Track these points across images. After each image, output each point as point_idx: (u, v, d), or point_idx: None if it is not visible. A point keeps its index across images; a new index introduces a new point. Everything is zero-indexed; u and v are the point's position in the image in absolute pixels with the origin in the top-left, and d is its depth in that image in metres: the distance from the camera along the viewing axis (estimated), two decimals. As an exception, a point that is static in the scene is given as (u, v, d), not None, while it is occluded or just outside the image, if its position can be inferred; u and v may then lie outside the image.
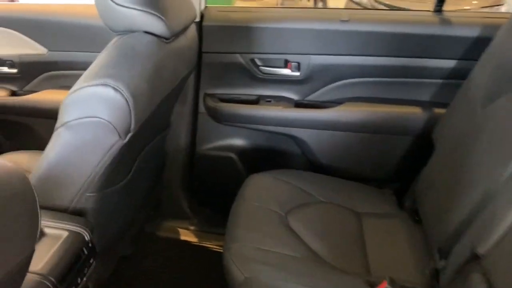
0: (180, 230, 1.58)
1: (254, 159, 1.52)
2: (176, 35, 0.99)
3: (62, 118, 0.85)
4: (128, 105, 0.82)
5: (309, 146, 1.43)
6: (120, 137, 0.85)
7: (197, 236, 1.57)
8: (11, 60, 1.50)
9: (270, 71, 1.40)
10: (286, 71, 1.40)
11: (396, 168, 1.43)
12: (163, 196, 1.55)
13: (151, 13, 0.89)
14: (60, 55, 1.46)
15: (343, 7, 5.11)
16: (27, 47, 1.47)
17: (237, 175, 1.52)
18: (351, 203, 1.24)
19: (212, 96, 1.46)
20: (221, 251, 1.07)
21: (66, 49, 1.45)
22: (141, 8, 0.88)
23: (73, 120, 0.83)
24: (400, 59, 1.32)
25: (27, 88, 1.55)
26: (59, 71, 1.49)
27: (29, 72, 1.51)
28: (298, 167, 1.48)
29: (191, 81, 1.38)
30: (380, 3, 4.77)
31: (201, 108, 1.46)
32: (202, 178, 1.58)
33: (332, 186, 1.30)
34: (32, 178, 0.90)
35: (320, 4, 8.06)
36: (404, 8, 4.46)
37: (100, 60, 0.87)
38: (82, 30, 1.40)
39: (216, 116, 1.45)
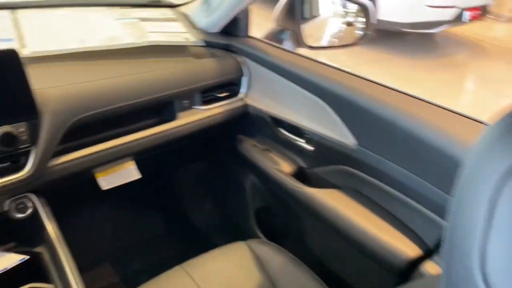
0: None
1: None
2: None
3: None
4: None
5: None
6: None
7: None
8: (309, 135, 1.16)
9: None
10: None
11: None
12: None
13: None
14: (369, 157, 1.03)
15: None
16: (334, 129, 1.09)
17: None
18: None
19: None
20: None
21: (380, 153, 1.00)
22: None
23: None
24: None
25: (316, 170, 1.20)
26: (364, 174, 1.07)
27: (326, 157, 1.15)
28: None
29: None
30: None
31: None
32: None
33: None
34: None
35: None
36: None
37: None
38: (413, 142, 0.91)
39: None
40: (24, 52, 1.00)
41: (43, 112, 0.90)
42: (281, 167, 1.22)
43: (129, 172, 1.14)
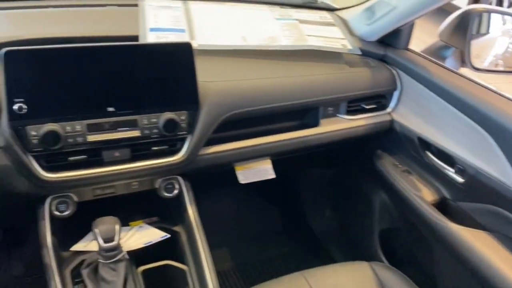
0: None
1: None
2: None
3: None
4: None
5: None
6: None
7: None
8: (461, 166, 1.06)
9: None
10: None
11: None
12: None
13: None
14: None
15: None
16: (494, 165, 0.98)
17: None
18: None
19: None
20: None
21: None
22: None
23: None
24: None
25: (462, 205, 1.09)
26: None
27: (478, 194, 1.04)
28: None
29: None
30: None
31: None
32: None
33: None
34: None
35: None
36: None
37: None
38: None
39: None
40: (193, 44, 1.06)
41: (202, 104, 0.95)
42: (422, 194, 1.14)
43: (266, 171, 1.16)
